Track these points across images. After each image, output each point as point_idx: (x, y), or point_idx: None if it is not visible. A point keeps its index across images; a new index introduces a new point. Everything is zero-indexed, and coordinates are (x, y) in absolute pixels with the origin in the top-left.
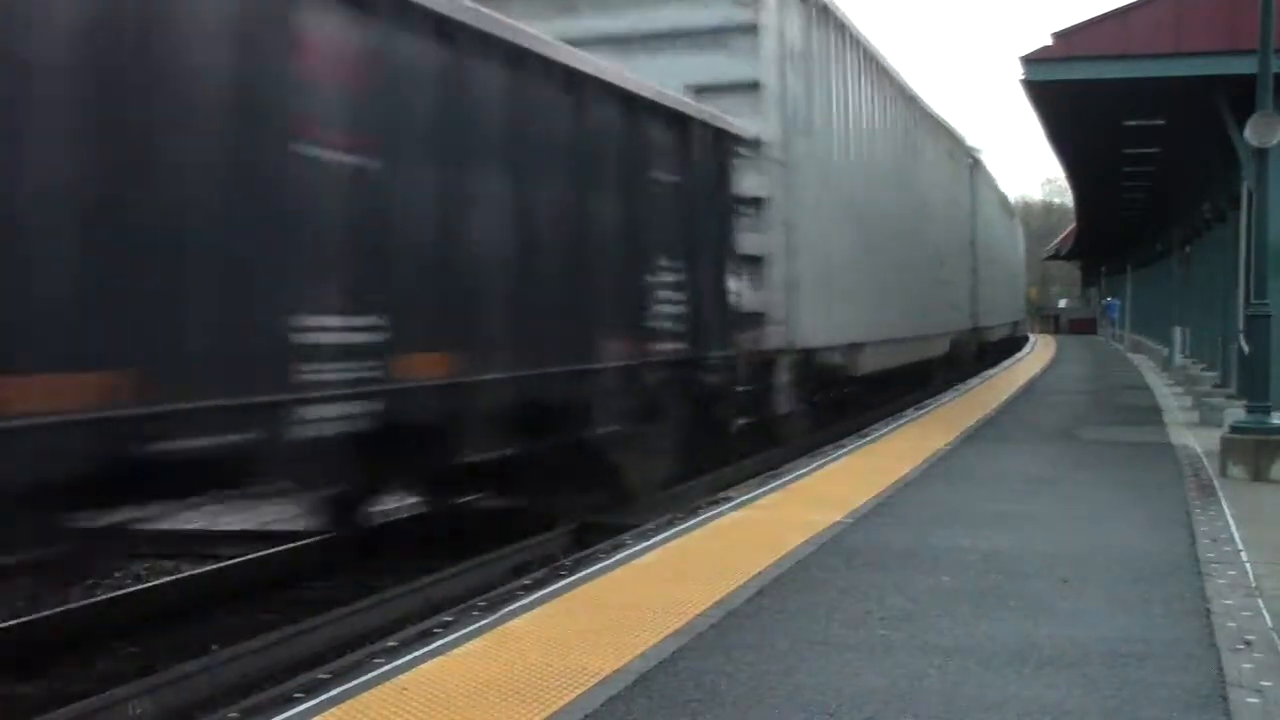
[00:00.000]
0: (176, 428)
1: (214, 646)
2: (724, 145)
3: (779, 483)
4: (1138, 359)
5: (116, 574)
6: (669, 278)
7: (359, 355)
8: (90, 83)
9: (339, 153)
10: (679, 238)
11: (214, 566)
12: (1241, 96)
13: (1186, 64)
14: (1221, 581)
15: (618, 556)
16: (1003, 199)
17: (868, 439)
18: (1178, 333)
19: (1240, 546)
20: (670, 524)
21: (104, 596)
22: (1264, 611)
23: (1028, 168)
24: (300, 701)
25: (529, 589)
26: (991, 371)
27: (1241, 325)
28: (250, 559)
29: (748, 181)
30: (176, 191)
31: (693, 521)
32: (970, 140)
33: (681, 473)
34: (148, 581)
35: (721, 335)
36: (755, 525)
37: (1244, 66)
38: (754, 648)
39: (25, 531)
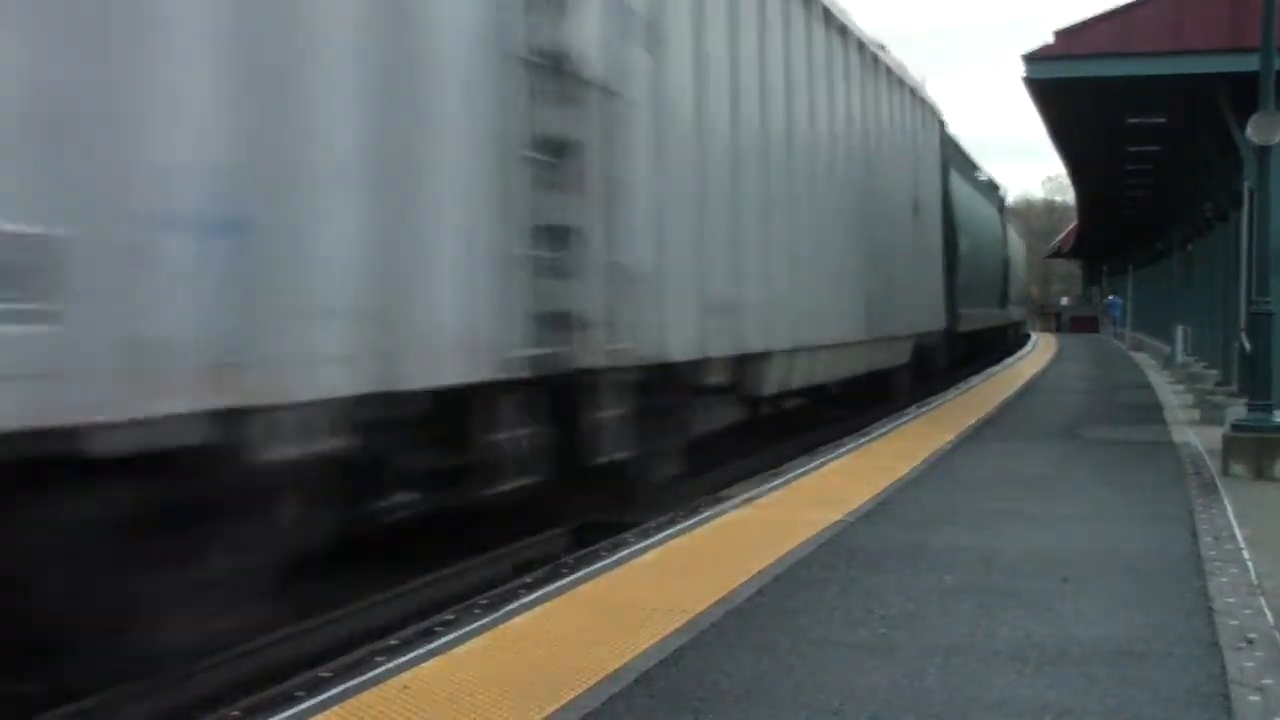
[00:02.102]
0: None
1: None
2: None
3: (780, 481)
4: (1139, 357)
5: None
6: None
7: None
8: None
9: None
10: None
11: None
12: (1243, 95)
13: (1188, 62)
14: (1223, 580)
15: (619, 555)
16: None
17: (868, 438)
18: (1180, 331)
19: (1242, 545)
20: (672, 522)
21: None
22: (1266, 610)
23: (1029, 165)
24: (302, 700)
25: (530, 587)
26: (994, 369)
27: (1243, 323)
28: None
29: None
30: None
31: (694, 520)
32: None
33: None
34: None
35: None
36: (756, 524)
37: (1245, 65)
38: (755, 646)
39: None
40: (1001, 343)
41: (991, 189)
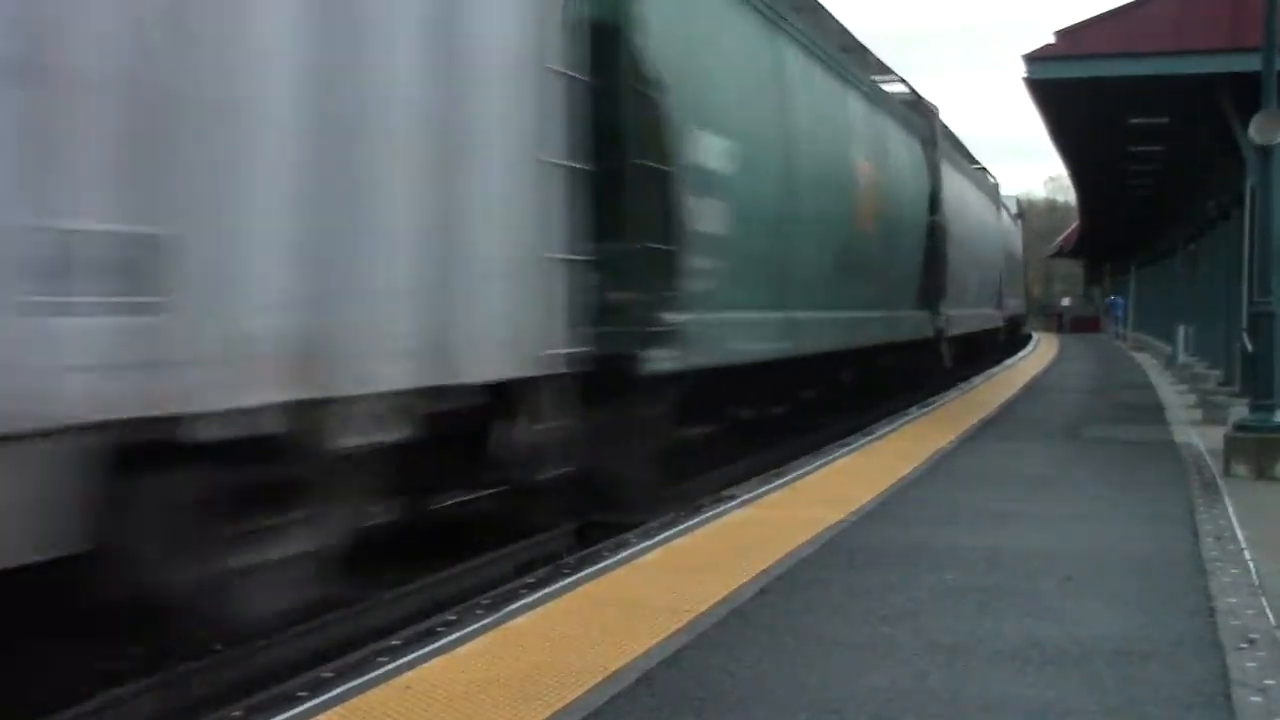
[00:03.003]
0: None
1: (217, 645)
2: None
3: (782, 481)
4: (1141, 357)
5: None
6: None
7: None
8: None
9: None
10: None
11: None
12: (1245, 94)
13: (1190, 62)
14: (1225, 580)
15: (621, 555)
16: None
17: (870, 437)
18: (1181, 331)
19: (1244, 545)
20: (674, 522)
21: None
22: (1267, 610)
23: (1029, 165)
24: (304, 700)
25: (532, 587)
26: (994, 370)
27: (1245, 323)
28: None
29: None
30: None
31: (696, 520)
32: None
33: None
34: None
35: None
36: (758, 523)
37: (1248, 64)
38: (757, 645)
39: None
40: (932, 375)
41: (910, 107)
